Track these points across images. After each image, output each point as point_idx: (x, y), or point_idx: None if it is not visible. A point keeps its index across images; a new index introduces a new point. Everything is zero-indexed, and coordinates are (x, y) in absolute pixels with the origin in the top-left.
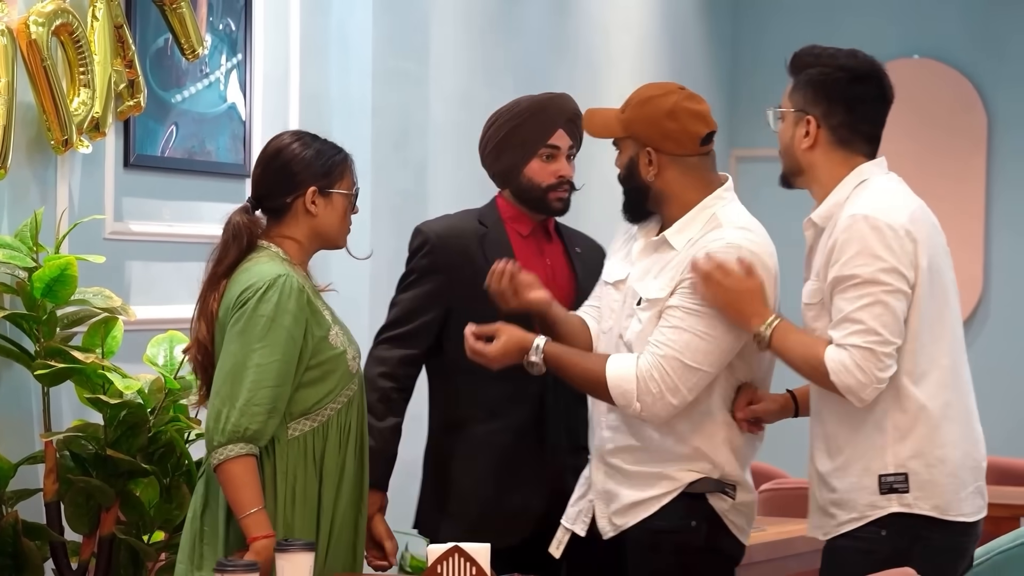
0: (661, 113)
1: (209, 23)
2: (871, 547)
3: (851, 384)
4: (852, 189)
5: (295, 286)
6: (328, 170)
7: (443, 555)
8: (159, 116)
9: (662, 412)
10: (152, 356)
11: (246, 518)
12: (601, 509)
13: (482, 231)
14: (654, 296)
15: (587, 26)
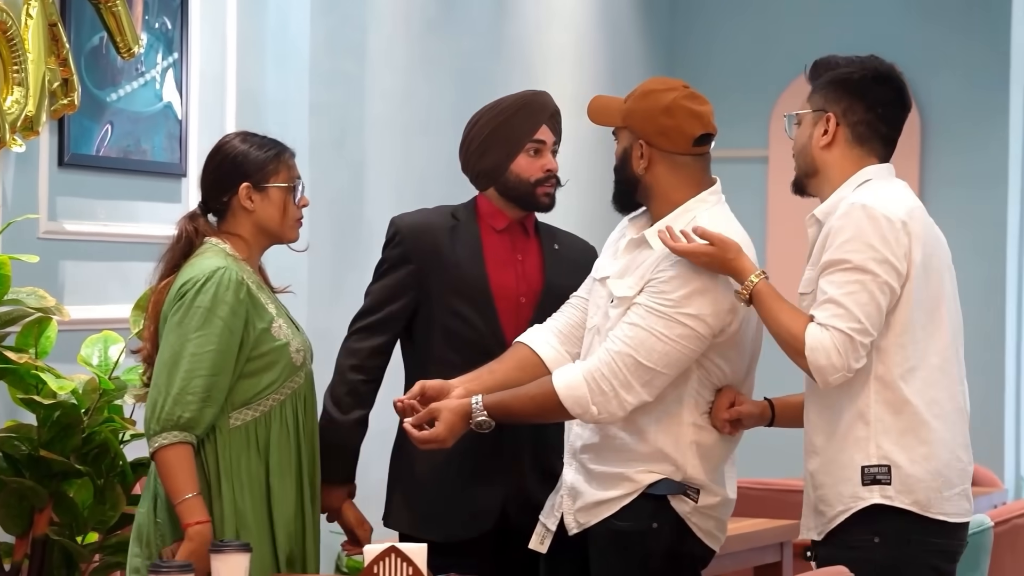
0: (658, 108)
1: (145, 21)
2: (866, 555)
3: (823, 365)
4: (856, 187)
5: (233, 278)
6: (261, 166)
7: (380, 555)
8: (94, 115)
9: (618, 410)
10: (86, 356)
11: (180, 504)
12: (568, 505)
13: (453, 224)
14: (623, 294)
15: (524, 25)
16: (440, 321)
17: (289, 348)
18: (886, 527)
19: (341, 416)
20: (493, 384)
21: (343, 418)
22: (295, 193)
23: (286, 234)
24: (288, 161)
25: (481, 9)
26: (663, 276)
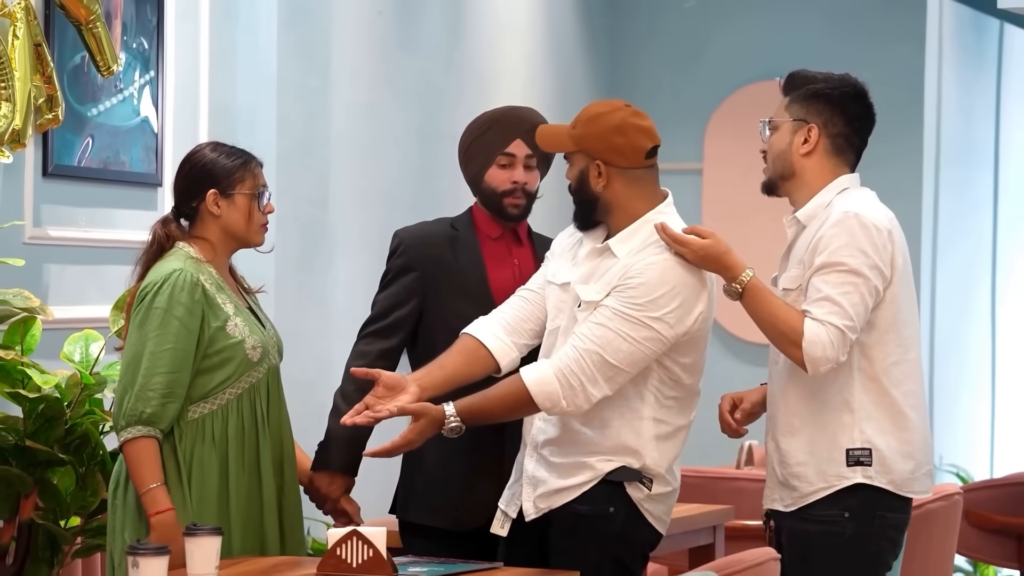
0: (609, 128)
1: (123, 42)
2: (837, 528)
3: (817, 356)
4: (836, 194)
5: (188, 280)
6: (228, 174)
7: (342, 538)
8: (76, 129)
9: (584, 403)
10: (69, 353)
11: (144, 495)
12: (527, 493)
13: (453, 234)
14: (590, 299)
15: (477, 45)
16: (444, 324)
17: (244, 345)
18: (855, 503)
19: (349, 409)
20: (443, 378)
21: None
22: (260, 200)
23: (252, 238)
24: (254, 170)
25: (437, 30)
26: (632, 282)
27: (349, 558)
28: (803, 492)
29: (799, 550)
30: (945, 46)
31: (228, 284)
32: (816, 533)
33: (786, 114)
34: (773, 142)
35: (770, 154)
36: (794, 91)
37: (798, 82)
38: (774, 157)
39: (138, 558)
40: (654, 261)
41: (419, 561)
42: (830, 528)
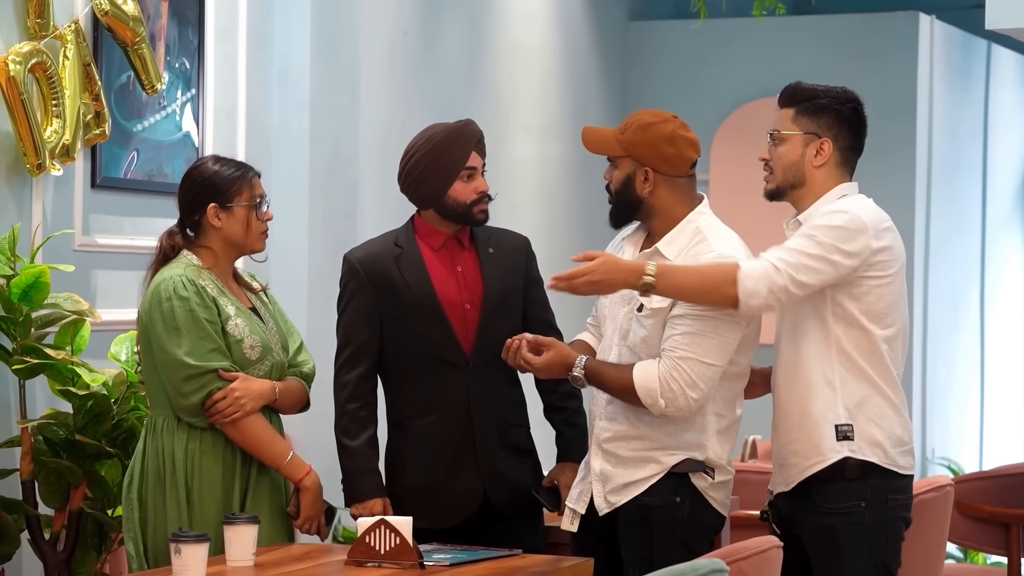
0: (661, 138)
1: (167, 62)
2: (856, 518)
3: (749, 287)
4: (837, 199)
5: (189, 280)
6: (225, 187)
7: (371, 527)
8: (122, 143)
9: (684, 406)
10: (115, 353)
11: (285, 467)
12: (598, 489)
13: (397, 252)
14: (658, 305)
15: (495, 65)
16: (402, 340)
17: (243, 344)
18: (868, 492)
19: (352, 443)
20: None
21: (355, 444)
22: (258, 210)
23: (251, 245)
24: (251, 181)
25: (458, 51)
26: None
27: (377, 545)
28: (800, 468)
29: (827, 544)
30: (936, 65)
31: (231, 288)
32: (840, 526)
33: (795, 127)
34: (782, 153)
35: (779, 164)
36: (797, 104)
37: (801, 95)
38: (784, 167)
39: (180, 545)
40: (707, 259)
41: (443, 548)
42: (850, 519)
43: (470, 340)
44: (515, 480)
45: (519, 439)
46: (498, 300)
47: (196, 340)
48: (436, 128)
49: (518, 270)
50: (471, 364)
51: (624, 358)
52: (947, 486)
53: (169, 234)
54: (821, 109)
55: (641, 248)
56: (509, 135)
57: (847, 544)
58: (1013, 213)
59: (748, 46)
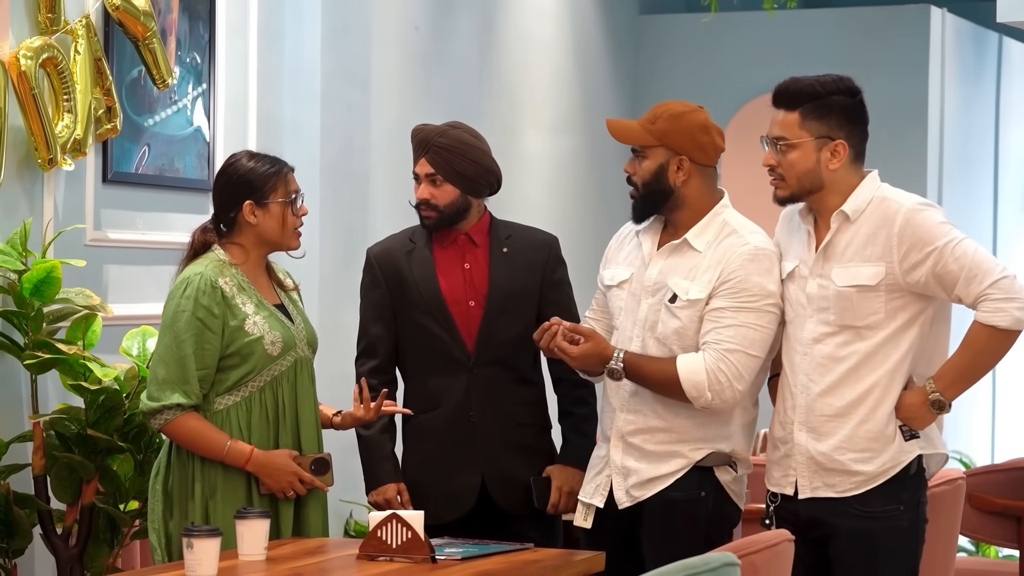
0: (696, 126)
1: (178, 56)
2: (896, 522)
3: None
4: (875, 190)
5: (207, 283)
6: (261, 184)
7: (382, 521)
8: (133, 138)
9: (730, 398)
10: (127, 348)
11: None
12: (619, 483)
13: (410, 247)
14: (695, 296)
15: (507, 60)
16: (411, 337)
17: (263, 341)
18: (907, 495)
19: (368, 432)
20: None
21: (369, 433)
22: (293, 205)
23: (286, 243)
24: (286, 177)
25: (469, 46)
26: (735, 277)
27: (389, 539)
28: (869, 474)
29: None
30: (947, 58)
31: (259, 284)
32: (879, 531)
33: (804, 132)
34: (794, 161)
35: (791, 172)
36: (799, 106)
37: (803, 96)
38: (799, 176)
39: (192, 539)
40: (744, 251)
41: (454, 542)
42: (890, 523)
43: (472, 337)
44: (522, 479)
45: (530, 439)
46: (504, 300)
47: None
48: None
49: (535, 270)
50: (473, 362)
51: (651, 350)
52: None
53: (203, 230)
54: (828, 109)
55: (660, 242)
56: (521, 129)
57: (886, 550)
58: None
59: (759, 39)
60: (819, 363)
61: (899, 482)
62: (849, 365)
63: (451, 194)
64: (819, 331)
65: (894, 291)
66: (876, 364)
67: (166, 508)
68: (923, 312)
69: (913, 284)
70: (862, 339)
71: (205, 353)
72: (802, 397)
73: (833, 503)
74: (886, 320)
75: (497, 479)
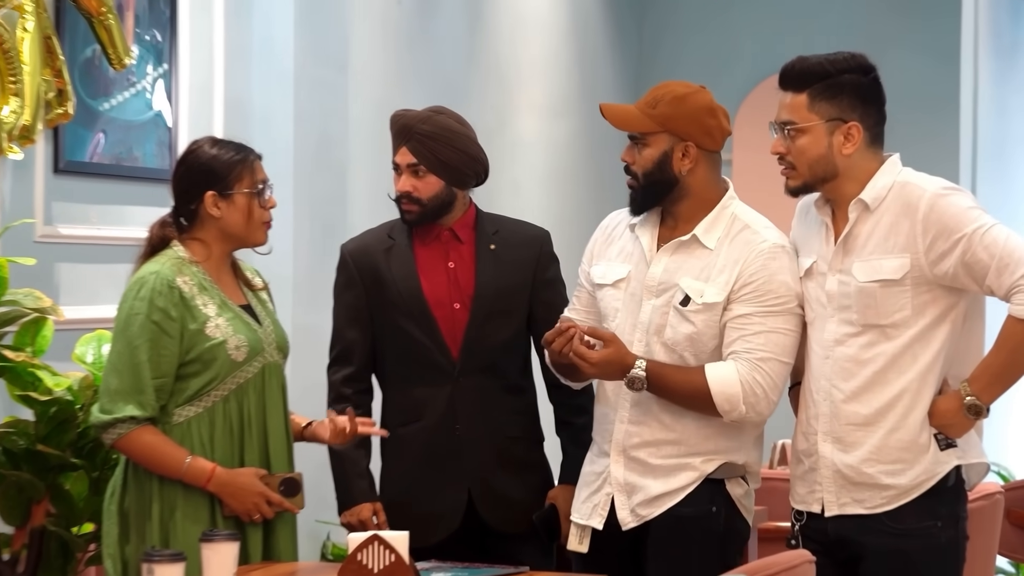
0: (701, 109)
1: (136, 34)
2: (933, 541)
3: None
4: (896, 175)
5: (163, 283)
6: (225, 173)
7: (363, 543)
8: (87, 123)
9: (766, 411)
10: (81, 354)
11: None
12: (622, 501)
13: (389, 244)
14: (712, 300)
15: (497, 37)
16: (390, 342)
17: (226, 345)
18: (944, 511)
19: (340, 446)
20: None
21: (342, 447)
22: (261, 196)
23: (252, 238)
24: (253, 165)
25: (456, 22)
26: (759, 279)
27: (370, 563)
28: (902, 488)
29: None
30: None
31: (222, 283)
32: (915, 550)
33: (813, 115)
34: (805, 147)
35: (802, 159)
36: (809, 87)
37: (811, 76)
38: (811, 162)
39: (153, 565)
40: (763, 249)
41: (442, 566)
42: (928, 542)
43: (458, 343)
44: (513, 496)
45: (521, 452)
46: (492, 301)
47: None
48: None
49: (525, 268)
50: (458, 370)
51: (657, 356)
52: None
53: (161, 224)
54: (840, 89)
55: (660, 237)
56: (513, 113)
57: (922, 571)
58: None
59: (775, 13)
60: (842, 367)
61: (935, 496)
62: (875, 368)
63: (435, 186)
64: (841, 332)
65: (921, 285)
66: (905, 366)
67: (122, 531)
68: (954, 307)
69: (941, 276)
70: (888, 339)
71: (162, 360)
72: (825, 405)
73: (863, 520)
74: (913, 317)
75: (486, 497)
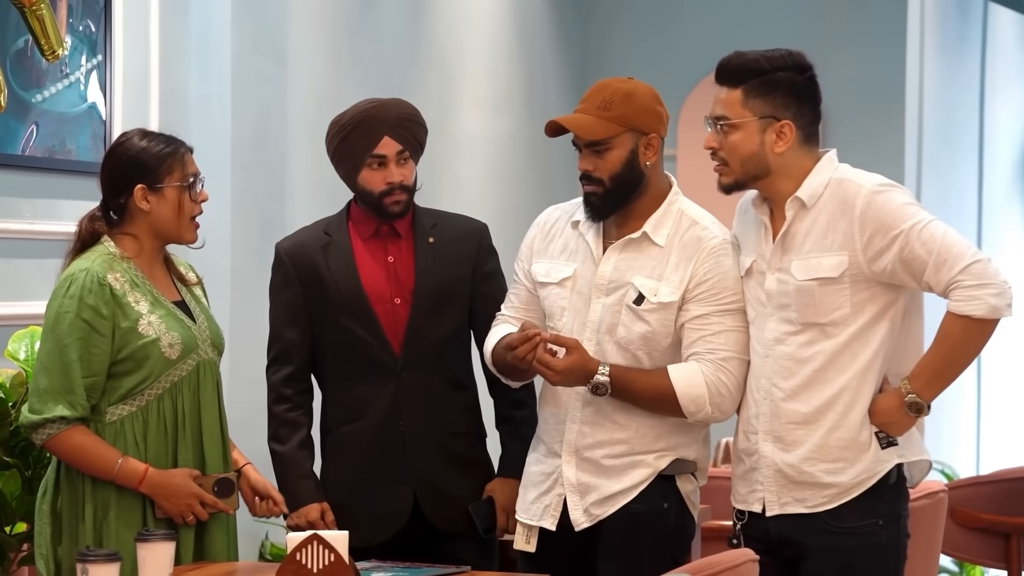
0: (651, 98)
1: (69, 24)
2: (874, 539)
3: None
4: (832, 172)
5: (94, 280)
6: (155, 166)
7: (302, 543)
8: (19, 115)
9: (731, 409)
10: (13, 351)
11: (117, 475)
12: (575, 502)
13: (326, 241)
14: (667, 300)
15: (440, 29)
16: (330, 340)
17: (159, 343)
18: (886, 508)
19: (284, 448)
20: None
21: (284, 449)
22: (192, 190)
23: (182, 234)
24: (183, 158)
25: (398, 13)
26: (713, 277)
27: (310, 563)
28: (843, 486)
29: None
30: (927, 27)
31: (155, 279)
32: (856, 548)
33: (746, 112)
34: (736, 143)
35: (734, 156)
36: (744, 83)
37: (747, 72)
38: (743, 159)
39: (88, 565)
40: (713, 247)
41: (383, 566)
42: (868, 540)
43: (399, 338)
44: (458, 495)
45: (465, 450)
46: (432, 295)
47: (65, 365)
48: (348, 110)
49: (464, 262)
50: (401, 365)
51: (610, 355)
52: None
53: (90, 218)
54: (774, 86)
55: (605, 234)
56: (456, 107)
57: (863, 569)
58: (1012, 188)
59: (721, 8)
60: (782, 365)
61: (876, 494)
62: (815, 366)
63: (414, 172)
64: (781, 330)
65: (859, 282)
66: (844, 365)
67: (55, 531)
68: (893, 304)
69: (879, 273)
70: (827, 337)
71: (93, 359)
72: (766, 404)
73: (804, 519)
74: (852, 315)
75: (431, 496)
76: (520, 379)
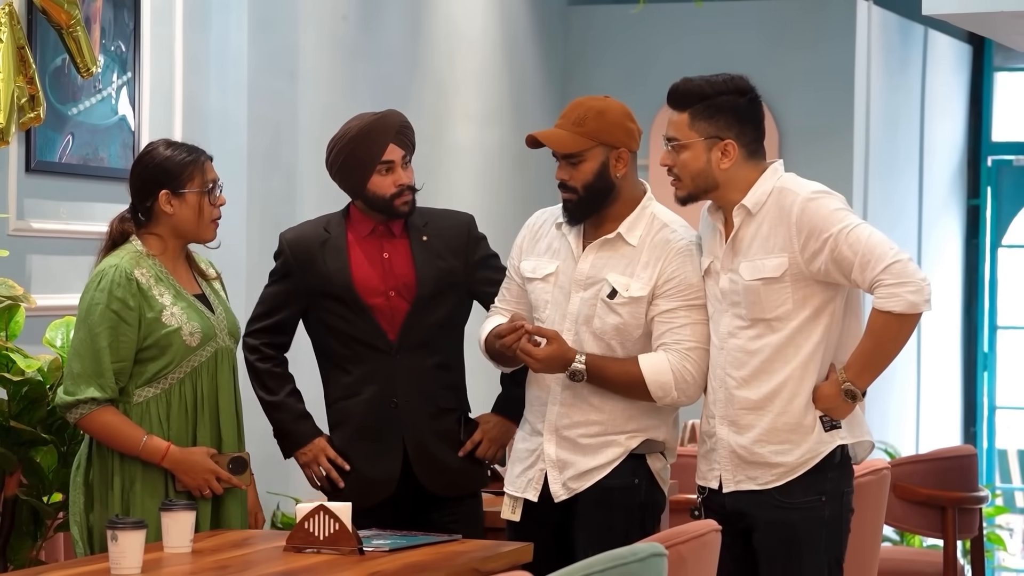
0: (622, 114)
1: (102, 45)
2: (816, 514)
3: (916, 300)
4: (775, 181)
5: (122, 275)
6: (177, 173)
7: (309, 513)
8: (57, 127)
9: (695, 394)
10: (51, 339)
11: (142, 451)
12: (555, 476)
13: (324, 237)
14: (637, 294)
15: (435, 52)
16: (325, 323)
17: (181, 332)
18: (829, 486)
19: (273, 396)
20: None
21: (278, 397)
22: (211, 195)
23: (202, 235)
24: (204, 165)
25: (398, 36)
26: (680, 275)
27: (317, 531)
28: (789, 465)
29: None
30: (873, 51)
31: (177, 274)
32: (800, 522)
33: (693, 133)
34: (686, 161)
35: (685, 172)
36: (689, 107)
37: (691, 97)
38: (693, 175)
39: (117, 532)
40: (680, 247)
41: (382, 534)
42: (811, 514)
43: (396, 327)
44: (446, 462)
45: (452, 424)
46: (432, 288)
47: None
48: (353, 121)
49: (457, 251)
50: (396, 349)
51: (586, 344)
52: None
53: (120, 219)
54: (717, 110)
55: (584, 235)
56: (450, 120)
57: (806, 540)
58: (949, 199)
59: (688, 31)
60: (735, 357)
61: (821, 472)
62: (762, 358)
63: (413, 173)
64: (733, 325)
65: (799, 281)
66: (789, 356)
67: (87, 501)
68: (831, 301)
69: (816, 273)
70: (773, 331)
71: (121, 346)
72: (721, 391)
73: (756, 495)
74: (795, 311)
75: (421, 460)
76: (509, 365)
